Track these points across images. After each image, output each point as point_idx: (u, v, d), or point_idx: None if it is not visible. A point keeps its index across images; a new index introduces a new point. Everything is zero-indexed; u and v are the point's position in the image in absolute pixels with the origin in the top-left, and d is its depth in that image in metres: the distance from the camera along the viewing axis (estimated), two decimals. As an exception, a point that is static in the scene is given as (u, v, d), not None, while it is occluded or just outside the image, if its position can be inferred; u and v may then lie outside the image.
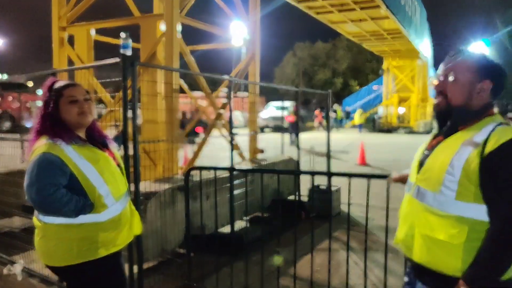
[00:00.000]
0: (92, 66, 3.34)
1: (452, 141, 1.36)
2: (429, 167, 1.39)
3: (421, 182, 1.42)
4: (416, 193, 1.43)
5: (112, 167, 1.79)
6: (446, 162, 1.32)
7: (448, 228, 1.31)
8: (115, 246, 1.77)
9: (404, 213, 1.50)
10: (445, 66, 1.44)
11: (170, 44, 3.95)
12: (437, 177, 1.34)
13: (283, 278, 3.27)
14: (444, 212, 1.32)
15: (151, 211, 3.14)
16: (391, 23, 13.91)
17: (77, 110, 1.72)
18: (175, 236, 3.41)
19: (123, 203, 1.82)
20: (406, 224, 1.46)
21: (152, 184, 3.43)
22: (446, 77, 1.41)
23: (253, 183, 4.34)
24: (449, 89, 1.40)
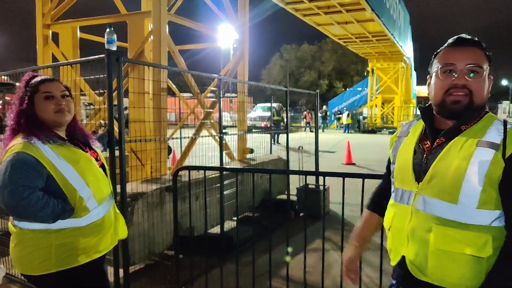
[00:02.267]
0: (75, 62, 3.23)
1: (461, 143, 1.19)
2: (438, 173, 1.19)
3: (426, 191, 1.22)
4: (421, 204, 1.23)
5: (95, 168, 1.68)
6: (463, 168, 1.14)
7: (474, 241, 1.14)
8: (97, 252, 1.65)
9: (406, 229, 1.27)
10: (464, 56, 1.21)
11: (158, 42, 3.87)
12: (452, 185, 1.16)
13: (274, 279, 3.25)
14: (466, 223, 1.15)
15: (138, 213, 3.06)
16: (376, 26, 14.13)
17: (54, 107, 1.59)
18: (164, 238, 3.34)
19: (106, 206, 1.71)
20: (414, 241, 1.24)
21: (139, 184, 3.35)
22: (470, 69, 1.20)
23: (242, 183, 4.31)
24: (475, 84, 1.20)
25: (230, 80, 4.70)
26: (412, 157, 1.30)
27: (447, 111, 1.24)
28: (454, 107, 1.21)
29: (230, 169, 3.94)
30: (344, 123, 24.23)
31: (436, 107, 1.28)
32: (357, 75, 48.19)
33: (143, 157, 3.92)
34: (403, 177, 1.32)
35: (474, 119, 1.23)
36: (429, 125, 1.30)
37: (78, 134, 1.74)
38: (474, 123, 1.23)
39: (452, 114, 1.23)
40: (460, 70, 1.20)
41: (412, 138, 1.35)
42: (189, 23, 4.58)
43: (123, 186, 2.73)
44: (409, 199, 1.28)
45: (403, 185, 1.32)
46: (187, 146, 4.33)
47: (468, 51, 1.21)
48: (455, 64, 1.21)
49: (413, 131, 1.38)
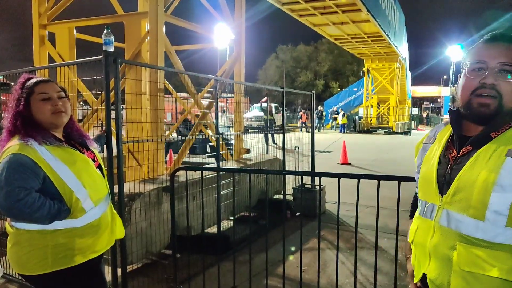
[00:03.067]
0: (73, 63, 3.24)
1: (489, 152, 1.06)
2: (464, 186, 1.07)
3: (451, 206, 1.11)
4: (445, 220, 1.12)
5: (91, 169, 1.68)
6: (491, 180, 1.02)
7: (503, 262, 1.02)
8: (94, 253, 1.66)
9: (428, 245, 1.16)
10: (497, 53, 1.07)
11: (155, 43, 3.89)
12: (479, 199, 1.04)
13: (271, 278, 3.28)
14: (493, 242, 1.03)
15: (136, 213, 3.09)
16: (371, 27, 14.21)
17: (50, 108, 1.59)
18: (161, 237, 3.36)
19: (103, 207, 1.71)
20: (436, 259, 1.13)
21: (137, 184, 3.37)
22: (503, 69, 1.06)
23: (239, 183, 4.34)
24: (506, 85, 1.06)
25: (226, 81, 4.73)
26: (437, 167, 1.17)
27: (474, 115, 1.11)
28: (481, 111, 1.08)
29: (227, 169, 3.97)
30: (339, 123, 24.34)
31: (463, 110, 1.14)
32: (353, 75, 48.41)
33: (140, 158, 3.94)
34: (426, 189, 1.21)
35: (506, 125, 1.09)
36: (457, 131, 1.17)
37: (75, 135, 1.74)
38: (506, 130, 1.08)
39: (479, 118, 1.11)
40: (490, 68, 1.07)
41: (438, 146, 1.23)
42: (185, 24, 4.61)
43: (121, 186, 2.75)
44: (432, 213, 1.16)
45: (426, 197, 1.21)
46: (184, 147, 4.35)
47: (504, 48, 1.08)
48: (486, 61, 1.08)
49: (440, 137, 1.25)
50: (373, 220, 2.87)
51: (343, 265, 3.64)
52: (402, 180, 2.20)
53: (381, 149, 14.33)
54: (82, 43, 4.94)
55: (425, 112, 39.67)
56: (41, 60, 4.65)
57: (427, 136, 1.32)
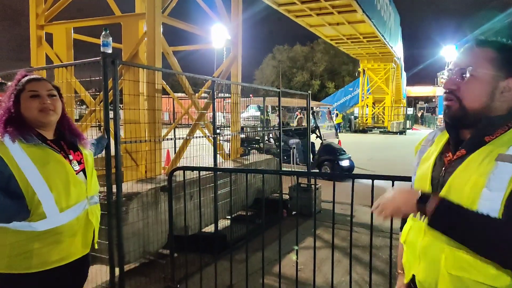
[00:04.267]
0: (70, 64, 3.26)
1: (481, 156, 1.06)
2: (455, 189, 1.07)
3: None
4: None
5: (66, 173, 1.59)
6: (480, 184, 1.01)
7: (489, 268, 1.01)
8: (55, 262, 1.55)
9: (419, 246, 1.16)
10: (460, 59, 1.12)
11: (152, 44, 3.92)
12: (468, 203, 1.03)
13: (267, 277, 3.32)
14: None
15: (133, 212, 3.11)
16: (367, 27, 14.31)
17: (37, 106, 1.56)
18: (158, 237, 3.39)
19: (72, 214, 1.60)
20: (425, 261, 1.14)
21: (134, 184, 3.40)
22: (461, 72, 1.11)
23: (236, 183, 4.37)
24: (464, 88, 1.10)
25: (223, 82, 4.76)
26: (431, 170, 1.18)
27: (445, 118, 1.18)
28: (446, 113, 1.14)
29: (224, 169, 4.00)
30: (334, 123, 24.45)
31: None
32: (349, 75, 48.61)
33: (138, 158, 3.97)
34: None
35: (501, 129, 1.08)
36: (453, 134, 1.17)
37: (67, 135, 1.70)
38: (501, 134, 1.07)
39: (448, 121, 1.16)
40: (450, 73, 1.14)
41: (435, 149, 1.23)
42: (182, 25, 4.63)
43: (119, 186, 2.78)
44: (423, 215, 1.15)
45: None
46: (181, 147, 4.38)
47: (468, 53, 1.13)
48: (451, 68, 1.15)
49: (438, 141, 1.25)
50: (368, 219, 2.92)
51: (339, 264, 3.69)
52: (396, 180, 2.24)
53: (376, 149, 14.45)
54: (79, 44, 4.96)
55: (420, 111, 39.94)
56: (39, 60, 4.66)
57: (425, 139, 1.33)
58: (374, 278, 2.64)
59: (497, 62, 1.08)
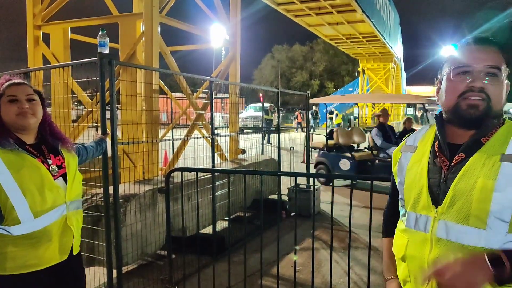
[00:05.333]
0: (67, 65, 3.23)
1: (482, 158, 1.04)
2: (461, 195, 1.04)
3: (448, 216, 1.06)
4: (443, 232, 1.07)
5: (41, 178, 1.56)
6: (489, 187, 0.99)
7: None
8: (30, 267, 1.53)
9: (428, 260, 1.09)
10: (483, 57, 1.06)
11: (150, 44, 3.90)
12: (479, 207, 1.01)
13: (265, 278, 3.31)
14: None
15: (131, 214, 3.09)
16: (366, 27, 14.30)
17: (15, 110, 1.55)
18: (156, 238, 3.37)
19: (48, 219, 1.57)
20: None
21: (132, 186, 3.38)
22: (488, 71, 1.05)
23: (234, 184, 4.36)
24: (493, 88, 1.05)
25: (222, 82, 4.75)
26: (427, 177, 1.12)
27: (463, 118, 1.07)
28: (471, 113, 1.05)
29: (222, 171, 3.98)
30: (334, 123, 24.45)
31: (449, 114, 1.11)
32: (348, 75, 48.64)
33: (135, 159, 3.95)
34: (416, 200, 1.14)
35: (494, 128, 1.08)
36: (444, 137, 1.13)
37: (49, 139, 1.69)
38: (494, 134, 1.07)
39: (468, 121, 1.07)
40: (477, 71, 1.05)
41: (422, 154, 1.17)
42: (180, 25, 4.62)
43: (116, 187, 2.76)
44: (427, 226, 1.10)
45: (416, 209, 1.14)
46: (179, 147, 4.36)
47: (487, 51, 1.07)
48: (471, 65, 1.06)
49: (422, 145, 1.20)
50: (366, 220, 2.90)
51: (337, 265, 3.67)
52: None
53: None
54: (76, 44, 4.93)
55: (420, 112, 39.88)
56: (36, 61, 4.63)
57: (404, 145, 1.26)
58: (372, 279, 2.63)
59: (505, 65, 1.08)
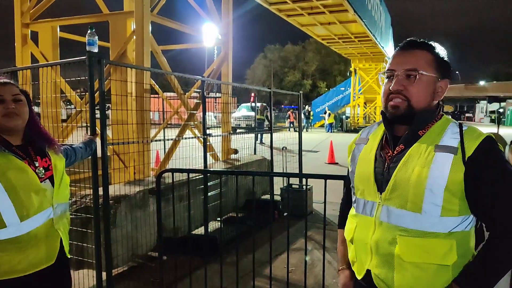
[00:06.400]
0: (55, 63, 3.17)
1: (420, 149, 1.16)
2: (400, 182, 1.15)
3: (389, 202, 1.17)
4: (385, 216, 1.18)
5: (28, 180, 1.53)
6: (424, 175, 1.11)
7: (439, 249, 1.12)
8: (15, 272, 1.50)
9: (370, 241, 1.21)
10: (403, 61, 1.19)
11: (141, 43, 3.85)
12: (415, 194, 1.12)
13: (258, 279, 3.29)
14: (431, 231, 1.12)
15: (121, 215, 3.05)
16: (358, 27, 14.35)
17: (1, 111, 1.52)
18: (147, 239, 3.33)
19: (34, 222, 1.54)
20: (379, 254, 1.19)
21: (122, 187, 3.33)
22: (407, 74, 1.17)
23: (227, 184, 4.33)
24: (413, 90, 1.17)
25: (213, 82, 4.71)
26: (373, 166, 1.24)
27: (391, 117, 1.21)
28: (394, 112, 1.19)
29: (213, 171, 3.95)
30: (327, 123, 24.55)
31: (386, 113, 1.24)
32: (340, 75, 48.86)
33: (126, 159, 3.90)
34: (364, 187, 1.26)
35: (430, 122, 1.20)
36: (390, 131, 1.24)
37: (35, 140, 1.65)
38: (430, 127, 1.19)
39: (394, 119, 1.20)
40: (396, 75, 1.18)
41: (372, 146, 1.29)
42: (171, 24, 4.57)
43: (106, 188, 2.71)
44: (372, 210, 1.22)
45: (364, 196, 1.26)
46: (171, 148, 4.32)
47: (410, 55, 1.19)
48: (394, 69, 1.20)
49: (373, 138, 1.31)
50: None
51: (330, 265, 3.67)
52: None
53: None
54: (67, 42, 4.85)
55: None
56: (24, 59, 4.54)
57: (359, 137, 1.38)
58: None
59: (435, 65, 1.19)
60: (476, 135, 1.14)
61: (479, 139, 1.12)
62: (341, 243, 1.45)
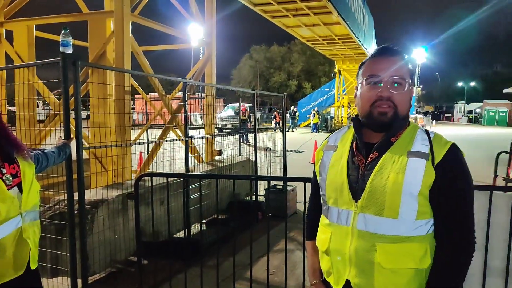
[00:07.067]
0: (29, 65, 3.08)
1: (393, 156, 1.17)
2: (376, 189, 1.15)
3: (366, 210, 1.16)
4: (362, 224, 1.17)
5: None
6: (400, 181, 1.12)
7: (416, 253, 1.14)
8: None
9: (348, 251, 1.19)
10: (388, 67, 1.18)
11: (121, 44, 3.78)
12: (392, 199, 1.13)
13: (240, 281, 3.27)
14: (408, 236, 1.13)
15: (99, 220, 2.98)
16: (342, 29, 14.50)
17: None
18: (127, 244, 3.27)
19: (1, 232, 1.49)
20: (358, 264, 1.18)
21: (101, 191, 3.26)
22: (393, 81, 1.18)
23: (210, 186, 4.29)
24: (400, 97, 1.18)
25: (196, 84, 4.67)
26: (347, 174, 1.22)
27: (376, 123, 1.19)
28: (382, 119, 1.17)
29: (193, 175, 3.90)
30: (312, 123, 24.73)
31: (365, 119, 1.22)
32: (325, 76, 49.32)
33: (106, 163, 3.81)
34: (338, 196, 1.23)
35: (401, 129, 1.22)
36: (361, 138, 1.23)
37: (2, 146, 1.60)
38: (401, 134, 1.21)
39: (380, 126, 1.19)
40: (384, 81, 1.17)
41: (342, 153, 1.27)
42: (153, 24, 4.50)
43: (81, 193, 2.64)
44: (348, 219, 1.20)
45: (338, 204, 1.23)
46: (152, 150, 4.25)
47: (392, 62, 1.19)
48: (379, 75, 1.18)
49: (342, 145, 1.29)
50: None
51: (312, 266, 3.68)
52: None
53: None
54: (46, 42, 4.72)
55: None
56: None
57: (326, 144, 1.35)
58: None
59: (409, 73, 1.21)
60: (443, 142, 1.18)
61: (446, 146, 1.16)
62: (312, 255, 1.42)
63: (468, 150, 10.73)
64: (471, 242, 1.15)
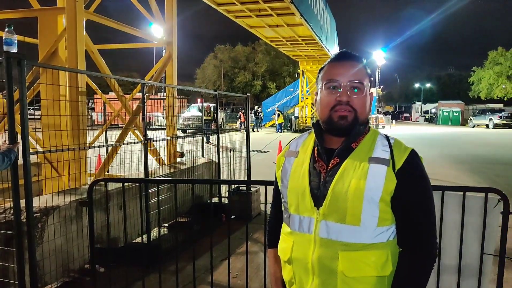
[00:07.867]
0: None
1: (354, 162, 1.15)
2: (338, 196, 1.13)
3: (328, 217, 1.14)
4: (324, 231, 1.14)
5: None
6: (361, 187, 1.11)
7: (378, 261, 1.12)
8: None
9: (311, 260, 1.16)
10: (347, 72, 1.17)
11: (74, 42, 3.60)
12: (354, 206, 1.11)
13: (202, 286, 3.23)
14: (370, 243, 1.12)
15: (51, 229, 2.82)
16: (305, 30, 14.78)
17: None
18: (82, 252, 3.12)
19: None
20: (320, 273, 1.15)
21: (54, 197, 3.08)
22: (352, 86, 1.17)
23: (171, 189, 4.20)
24: (359, 102, 1.17)
25: (155, 84, 4.55)
26: (308, 180, 1.19)
27: (335, 128, 1.17)
28: (342, 123, 1.16)
29: (150, 180, 3.80)
30: (277, 123, 25.01)
31: (325, 124, 1.20)
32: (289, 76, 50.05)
33: (60, 167, 3.62)
34: (299, 203, 1.20)
35: (361, 135, 1.20)
36: (322, 144, 1.21)
37: None
38: (362, 140, 1.19)
39: (340, 130, 1.17)
40: (343, 86, 1.16)
41: (303, 159, 1.24)
42: (109, 22, 4.33)
43: (29, 200, 2.48)
44: (310, 227, 1.17)
45: (299, 211, 1.20)
46: (110, 153, 4.09)
47: (351, 66, 1.19)
48: (338, 80, 1.17)
49: (303, 150, 1.27)
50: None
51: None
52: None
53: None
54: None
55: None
56: None
57: (287, 150, 1.32)
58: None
59: (368, 77, 1.21)
60: (403, 148, 1.18)
61: (406, 152, 1.16)
62: (273, 264, 1.39)
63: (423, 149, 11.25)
64: (434, 246, 1.16)
